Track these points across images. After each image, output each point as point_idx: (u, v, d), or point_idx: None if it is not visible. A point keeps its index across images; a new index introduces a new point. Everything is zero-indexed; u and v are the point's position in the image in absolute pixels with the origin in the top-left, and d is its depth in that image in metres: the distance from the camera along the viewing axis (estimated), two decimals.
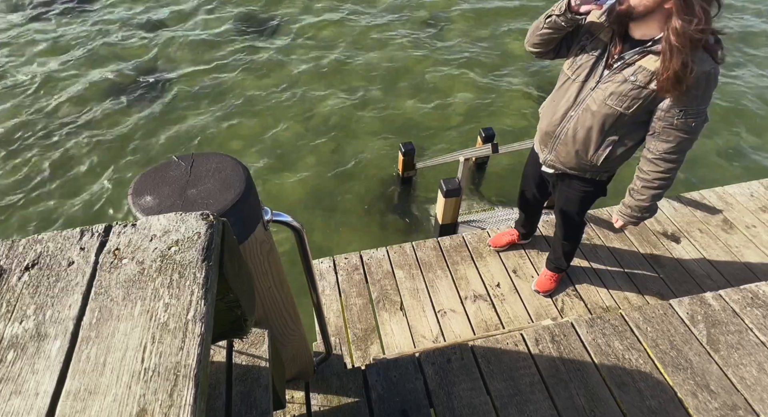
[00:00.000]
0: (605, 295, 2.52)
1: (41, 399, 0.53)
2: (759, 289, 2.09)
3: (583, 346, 1.91)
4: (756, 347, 1.89)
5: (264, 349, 1.12)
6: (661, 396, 1.75)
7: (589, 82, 1.60)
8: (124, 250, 0.67)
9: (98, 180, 4.38)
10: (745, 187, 3.16)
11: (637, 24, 1.44)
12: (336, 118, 5.05)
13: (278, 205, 4.05)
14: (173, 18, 6.48)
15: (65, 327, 0.59)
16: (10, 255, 0.67)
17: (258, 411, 1.02)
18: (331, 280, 2.57)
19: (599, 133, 1.64)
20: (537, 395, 1.75)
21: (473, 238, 2.80)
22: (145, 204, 0.87)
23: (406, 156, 4.20)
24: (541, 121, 1.85)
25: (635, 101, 1.51)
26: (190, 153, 0.99)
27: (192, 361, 0.55)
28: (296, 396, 1.65)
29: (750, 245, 2.77)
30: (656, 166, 1.61)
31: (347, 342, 2.30)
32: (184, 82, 5.49)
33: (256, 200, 0.98)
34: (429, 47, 6.02)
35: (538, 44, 1.66)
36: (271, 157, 4.62)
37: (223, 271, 0.68)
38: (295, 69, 5.69)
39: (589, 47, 1.58)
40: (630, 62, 1.48)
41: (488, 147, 3.44)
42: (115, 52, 5.88)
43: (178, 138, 4.81)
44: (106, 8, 6.70)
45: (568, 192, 1.96)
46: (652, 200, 1.69)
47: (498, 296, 2.51)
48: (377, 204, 4.23)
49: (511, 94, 5.32)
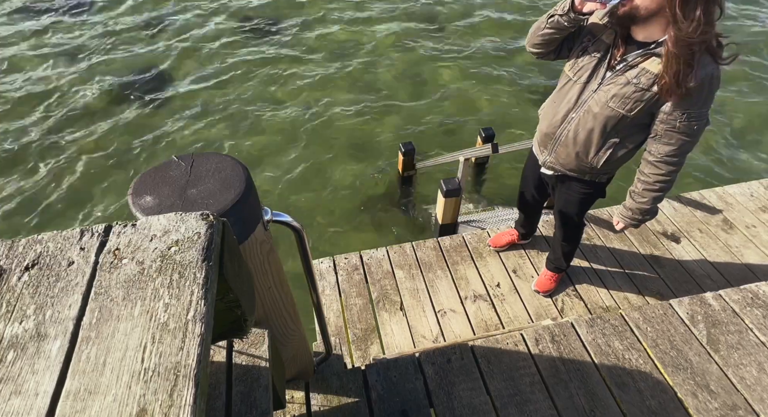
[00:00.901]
0: (605, 295, 2.52)
1: (41, 399, 0.53)
2: (759, 289, 2.09)
3: (583, 346, 1.91)
4: (756, 347, 1.89)
5: (264, 349, 1.12)
6: (661, 396, 1.75)
7: (590, 83, 1.59)
8: (124, 250, 0.67)
9: (98, 189, 4.37)
10: (745, 187, 3.16)
11: (640, 26, 1.42)
12: (336, 117, 5.05)
13: (278, 205, 4.05)
14: (180, 26, 6.44)
15: (65, 327, 0.59)
16: (10, 255, 0.67)
17: (258, 411, 1.02)
18: (331, 280, 2.57)
19: (600, 135, 1.64)
20: (537, 395, 1.75)
21: (473, 238, 2.80)
22: (145, 204, 0.87)
23: (406, 156, 4.20)
24: (541, 123, 1.84)
25: (638, 104, 1.50)
26: (190, 153, 0.99)
27: (192, 361, 0.55)
28: (296, 396, 1.65)
29: (750, 245, 2.77)
30: (657, 168, 1.60)
31: (347, 342, 2.30)
32: (186, 89, 5.49)
33: (256, 200, 0.98)
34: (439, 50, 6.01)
35: (540, 45, 1.65)
36: (271, 157, 4.62)
37: (223, 271, 0.68)
38: (299, 70, 5.69)
39: (591, 49, 1.57)
40: (633, 64, 1.47)
41: (488, 147, 3.44)
42: (123, 61, 5.84)
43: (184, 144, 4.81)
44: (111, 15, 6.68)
45: (567, 194, 1.95)
46: (653, 203, 1.69)
47: (498, 296, 2.51)
48: (377, 204, 4.23)
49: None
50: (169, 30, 6.34)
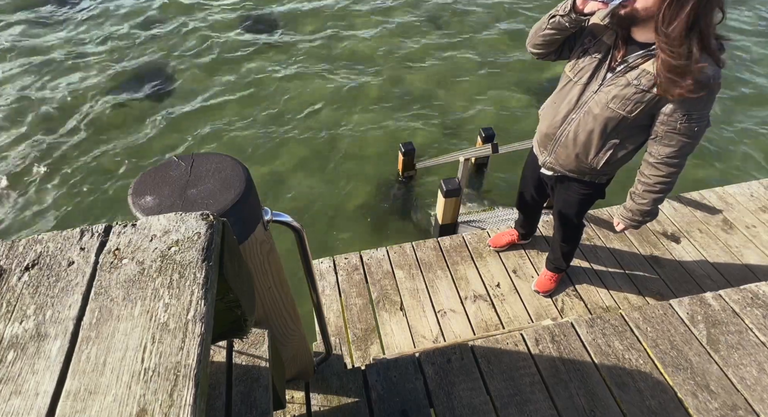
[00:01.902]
0: (605, 295, 2.52)
1: (41, 399, 0.53)
2: (759, 289, 2.09)
3: (583, 346, 1.91)
4: (756, 347, 1.89)
5: (264, 349, 1.12)
6: (661, 396, 1.75)
7: (591, 84, 1.59)
8: (124, 250, 0.67)
9: (105, 191, 4.37)
10: (745, 187, 3.16)
11: (641, 27, 1.42)
12: (335, 118, 5.05)
13: (278, 205, 4.05)
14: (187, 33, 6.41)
15: (65, 327, 0.59)
16: (10, 255, 0.67)
17: (258, 411, 1.02)
18: (331, 280, 2.57)
19: (600, 137, 1.63)
20: (537, 395, 1.75)
21: (473, 238, 2.80)
22: (145, 204, 0.87)
23: (406, 156, 4.20)
24: (541, 123, 1.83)
25: (638, 105, 1.49)
26: (189, 153, 0.99)
27: (192, 361, 0.55)
28: (296, 396, 1.65)
29: (750, 245, 2.77)
30: (658, 170, 1.60)
31: (347, 342, 2.30)
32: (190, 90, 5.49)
33: (256, 200, 0.98)
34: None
35: (540, 45, 1.64)
36: (270, 157, 4.62)
37: (223, 271, 0.68)
38: (303, 75, 5.69)
39: (592, 49, 1.56)
40: (633, 65, 1.47)
41: (488, 147, 3.44)
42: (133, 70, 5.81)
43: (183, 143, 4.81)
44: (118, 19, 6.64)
45: (566, 194, 1.95)
46: (654, 204, 1.68)
47: (498, 296, 2.51)
48: (377, 204, 4.23)
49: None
50: (178, 37, 6.30)
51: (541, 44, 1.63)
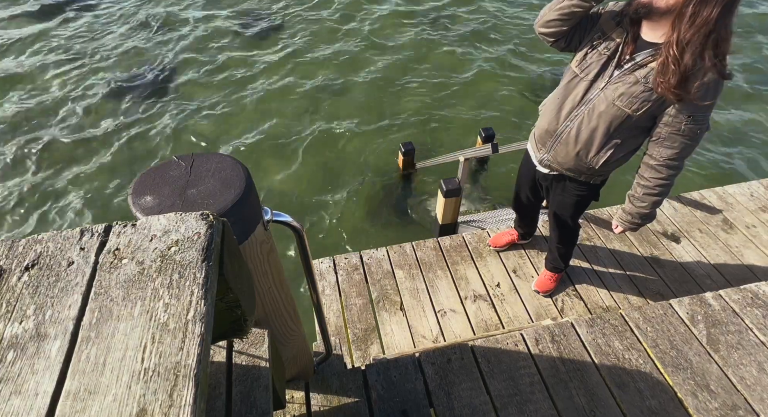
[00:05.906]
0: (605, 295, 2.52)
1: (41, 399, 0.53)
2: (759, 289, 2.09)
3: (583, 346, 1.91)
4: (756, 347, 1.89)
5: (264, 349, 1.12)
6: (661, 396, 1.75)
7: (598, 81, 1.57)
8: (124, 250, 0.67)
9: (101, 189, 4.38)
10: (745, 187, 3.16)
11: (651, 25, 1.41)
12: (335, 117, 5.05)
13: (278, 205, 4.05)
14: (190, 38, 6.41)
15: (65, 327, 0.59)
16: (10, 255, 0.67)
17: (258, 411, 1.02)
18: (331, 280, 2.57)
19: (603, 135, 1.62)
20: (537, 395, 1.75)
21: (473, 238, 2.80)
22: (145, 204, 0.87)
23: (406, 156, 4.20)
24: (541, 119, 1.81)
25: (644, 104, 1.49)
26: (189, 153, 0.99)
27: (192, 361, 0.55)
28: (296, 396, 1.65)
29: (750, 245, 2.77)
30: (658, 172, 1.60)
31: (347, 342, 2.30)
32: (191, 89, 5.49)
33: (256, 200, 0.98)
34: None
35: (555, 21, 1.52)
36: (270, 157, 4.62)
37: (223, 271, 0.68)
38: (303, 73, 5.69)
39: (601, 46, 1.54)
40: (642, 64, 1.46)
41: (488, 147, 3.44)
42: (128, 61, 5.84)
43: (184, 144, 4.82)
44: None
45: (561, 195, 1.95)
46: (653, 207, 1.68)
47: (498, 296, 2.51)
48: (377, 204, 4.23)
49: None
50: (177, 32, 6.32)
51: (556, 21, 1.53)
